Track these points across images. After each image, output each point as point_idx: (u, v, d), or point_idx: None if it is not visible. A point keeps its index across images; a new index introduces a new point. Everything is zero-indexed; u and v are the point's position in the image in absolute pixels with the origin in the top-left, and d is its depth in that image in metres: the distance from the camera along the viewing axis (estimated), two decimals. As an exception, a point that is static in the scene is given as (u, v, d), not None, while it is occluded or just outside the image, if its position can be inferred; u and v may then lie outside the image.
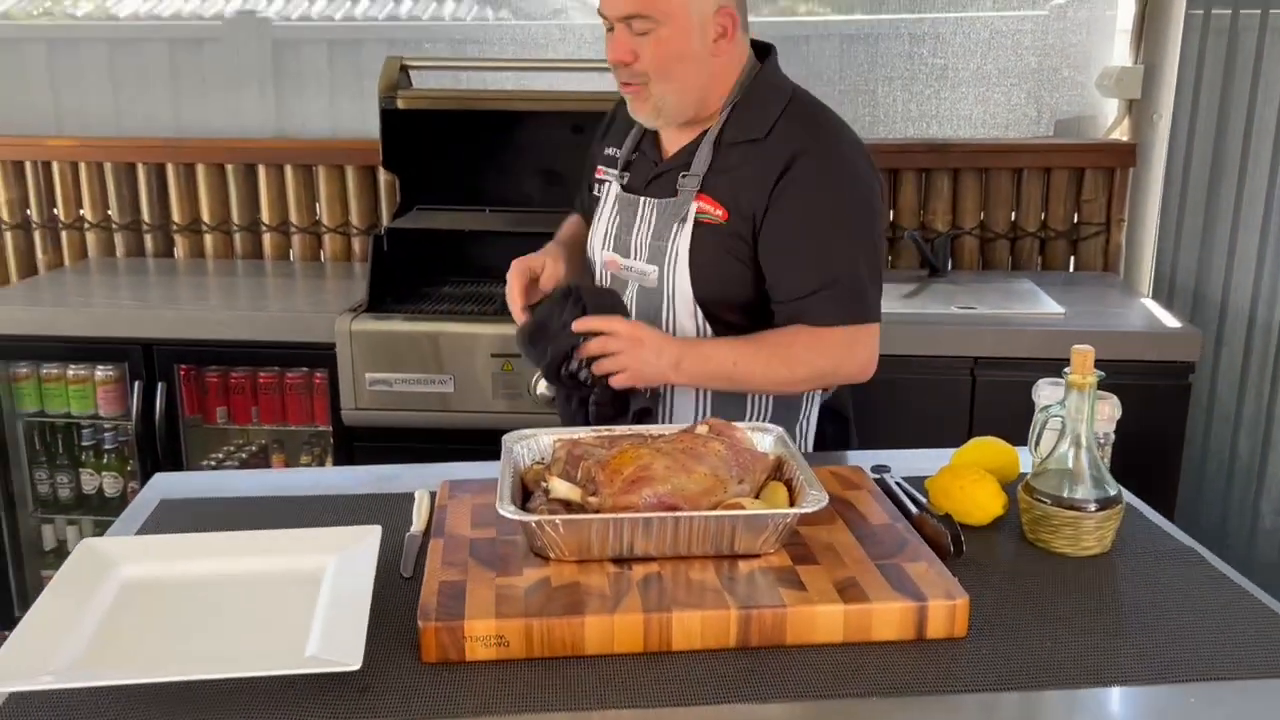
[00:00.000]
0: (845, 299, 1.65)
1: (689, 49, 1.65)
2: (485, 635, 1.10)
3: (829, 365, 1.67)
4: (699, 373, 1.66)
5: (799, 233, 1.64)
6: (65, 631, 1.11)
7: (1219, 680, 1.11)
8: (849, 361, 1.68)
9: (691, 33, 1.64)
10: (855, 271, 1.66)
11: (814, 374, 1.69)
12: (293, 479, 1.68)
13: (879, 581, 1.19)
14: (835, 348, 1.66)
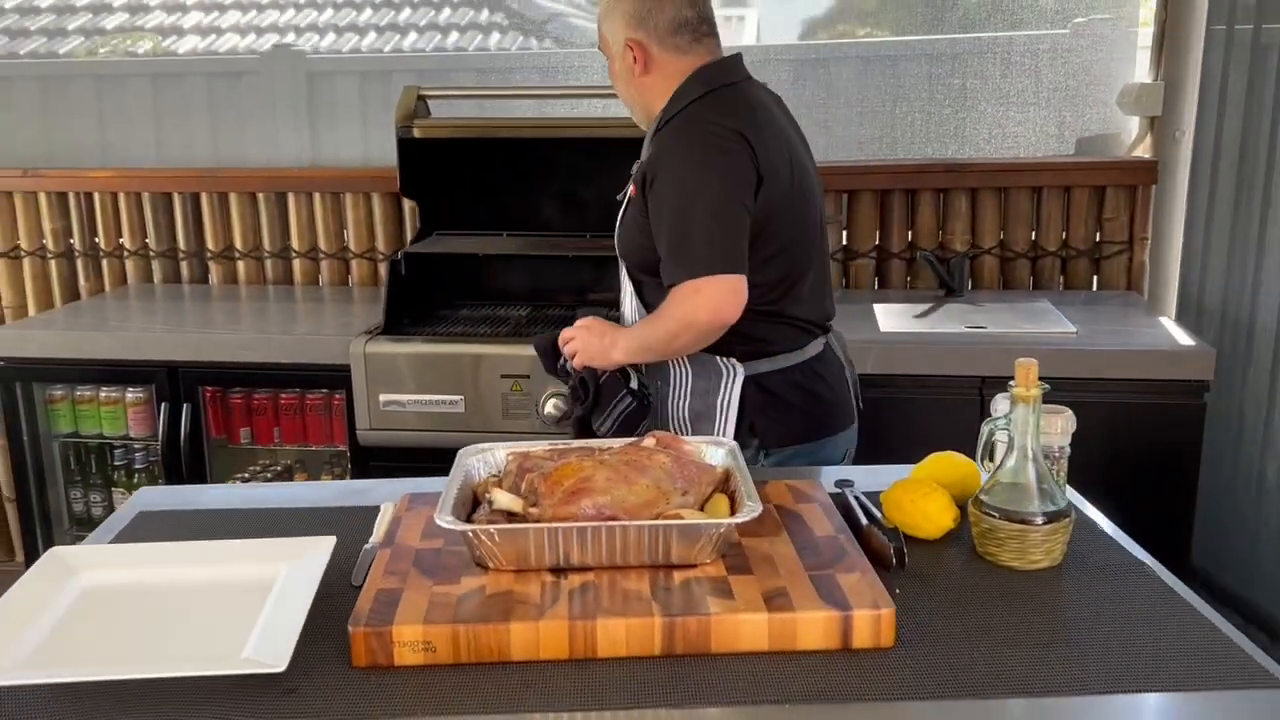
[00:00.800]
0: (679, 259, 1.86)
1: (615, 71, 2.05)
2: (413, 641, 1.13)
3: (685, 314, 1.85)
4: (631, 348, 1.96)
5: (653, 208, 1.91)
6: (19, 631, 1.17)
7: (1144, 693, 1.10)
8: (701, 309, 1.84)
9: (614, 59, 2.04)
10: (681, 232, 1.86)
11: (679, 325, 1.87)
12: (269, 493, 1.74)
13: (808, 591, 1.20)
14: (684, 300, 1.85)
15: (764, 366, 1.98)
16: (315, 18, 3.74)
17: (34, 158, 3.60)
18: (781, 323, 1.99)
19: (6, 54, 3.75)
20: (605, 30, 2.04)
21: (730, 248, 1.84)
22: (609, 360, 1.98)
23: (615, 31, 2.01)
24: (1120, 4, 3.22)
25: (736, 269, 1.84)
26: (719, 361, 1.97)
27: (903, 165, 3.26)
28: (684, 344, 1.91)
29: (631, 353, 1.97)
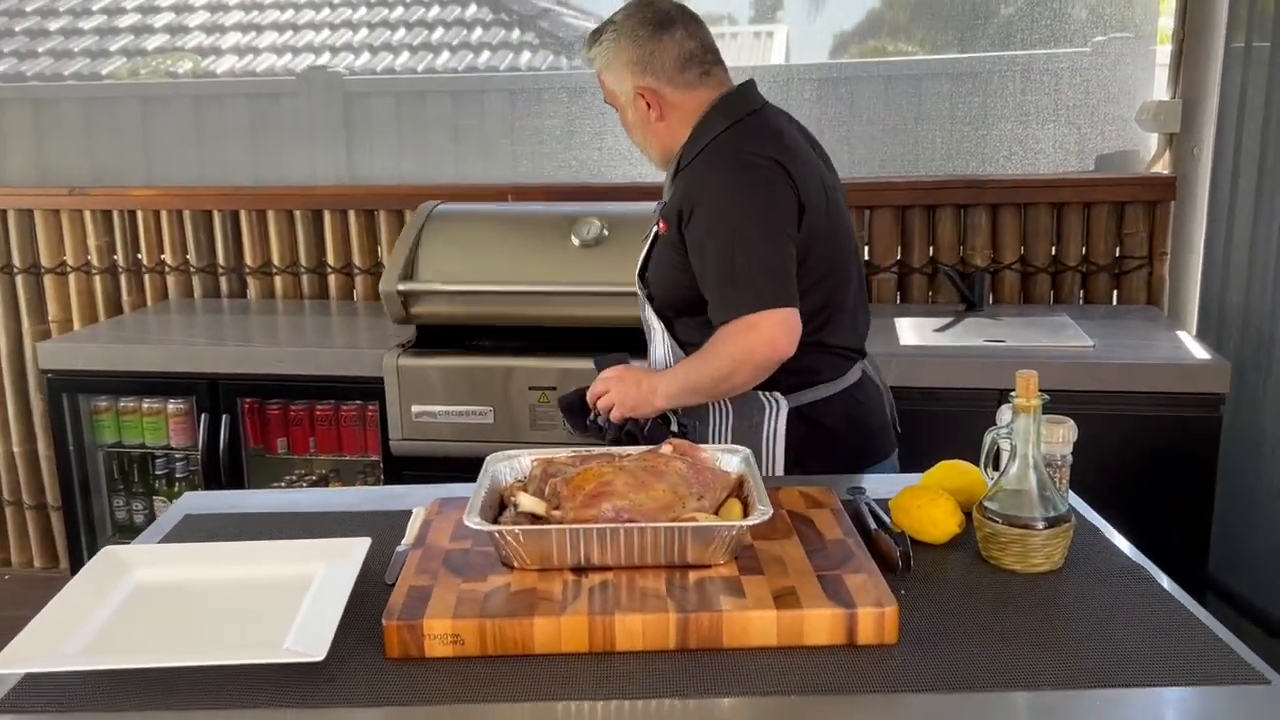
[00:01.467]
0: (730, 295, 1.83)
1: (629, 120, 2.04)
2: (442, 634, 1.21)
3: (740, 352, 1.82)
4: (672, 392, 1.90)
5: (692, 243, 1.89)
6: (77, 624, 1.25)
7: (1136, 687, 1.16)
8: (759, 345, 1.81)
9: (625, 108, 2.03)
10: (733, 270, 1.83)
11: (733, 363, 1.83)
12: (307, 497, 1.82)
13: (816, 590, 1.26)
14: (738, 337, 1.81)
15: (807, 397, 1.95)
16: (350, 38, 3.85)
17: (80, 177, 3.73)
18: (823, 351, 1.96)
19: (52, 74, 3.88)
20: (610, 84, 2.02)
21: (781, 280, 1.82)
22: (651, 409, 1.92)
23: (622, 82, 1.99)
24: (1139, 23, 3.27)
25: (789, 302, 1.81)
26: (761, 396, 1.93)
27: (924, 181, 3.32)
28: (738, 383, 1.86)
29: (674, 397, 1.91)
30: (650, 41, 1.96)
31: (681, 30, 1.98)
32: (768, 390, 1.93)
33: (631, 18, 2.01)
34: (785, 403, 1.94)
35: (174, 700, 1.16)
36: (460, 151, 3.65)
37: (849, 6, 3.53)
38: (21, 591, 3.82)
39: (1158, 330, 2.96)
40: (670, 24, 1.98)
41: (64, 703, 1.16)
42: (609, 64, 2.01)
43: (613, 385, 1.94)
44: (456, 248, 2.86)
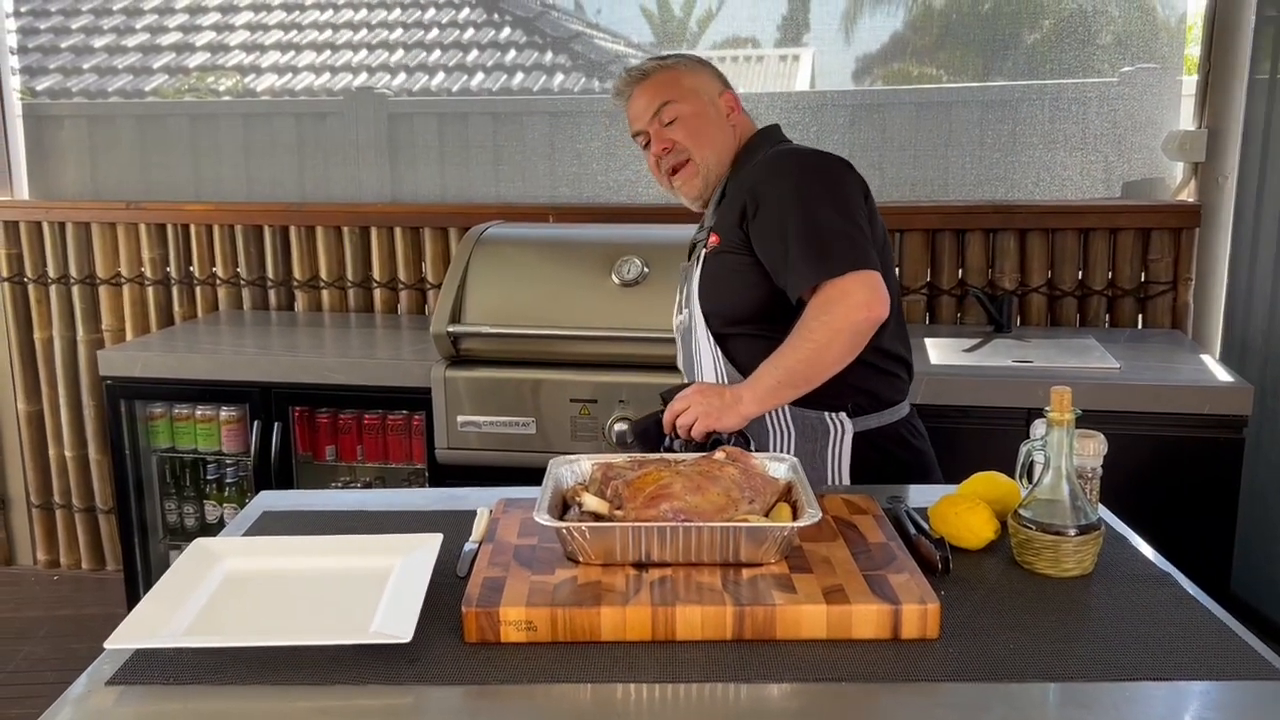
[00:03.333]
0: (815, 264, 1.83)
1: (708, 115, 2.09)
2: (517, 620, 1.31)
3: (836, 320, 1.80)
4: (761, 392, 1.86)
5: (765, 222, 1.91)
6: (177, 607, 1.36)
7: (1160, 680, 1.24)
8: (856, 308, 1.79)
9: (706, 105, 2.09)
10: (809, 232, 1.84)
11: (830, 333, 1.80)
12: (376, 497, 1.92)
13: (862, 588, 1.36)
14: (832, 305, 1.80)
15: (871, 422, 1.98)
16: (387, 58, 3.96)
17: (132, 191, 3.88)
18: (879, 369, 1.99)
19: (96, 91, 4.02)
20: (691, 82, 2.10)
21: (864, 245, 1.83)
22: (738, 415, 1.85)
23: (706, 85, 2.12)
24: (1166, 54, 3.37)
25: (874, 265, 1.81)
26: (828, 419, 1.96)
27: (954, 206, 3.42)
28: (836, 355, 1.81)
29: (764, 395, 1.85)
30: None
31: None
32: (833, 412, 1.96)
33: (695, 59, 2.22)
34: (850, 426, 1.97)
35: (271, 676, 1.26)
36: (501, 172, 3.77)
37: (875, 30, 3.62)
38: (71, 592, 3.94)
39: (1182, 353, 3.04)
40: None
41: (171, 676, 1.26)
42: (694, 68, 2.13)
43: (693, 399, 1.88)
44: (502, 284, 2.98)
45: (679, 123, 2.07)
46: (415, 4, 4.03)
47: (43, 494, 4.08)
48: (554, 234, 3.23)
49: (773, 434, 1.99)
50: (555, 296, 2.94)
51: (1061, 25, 3.44)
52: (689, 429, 1.88)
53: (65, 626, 3.66)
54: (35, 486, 4.07)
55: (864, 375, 1.95)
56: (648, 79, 2.10)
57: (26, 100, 4.01)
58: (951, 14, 3.53)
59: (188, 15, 4.06)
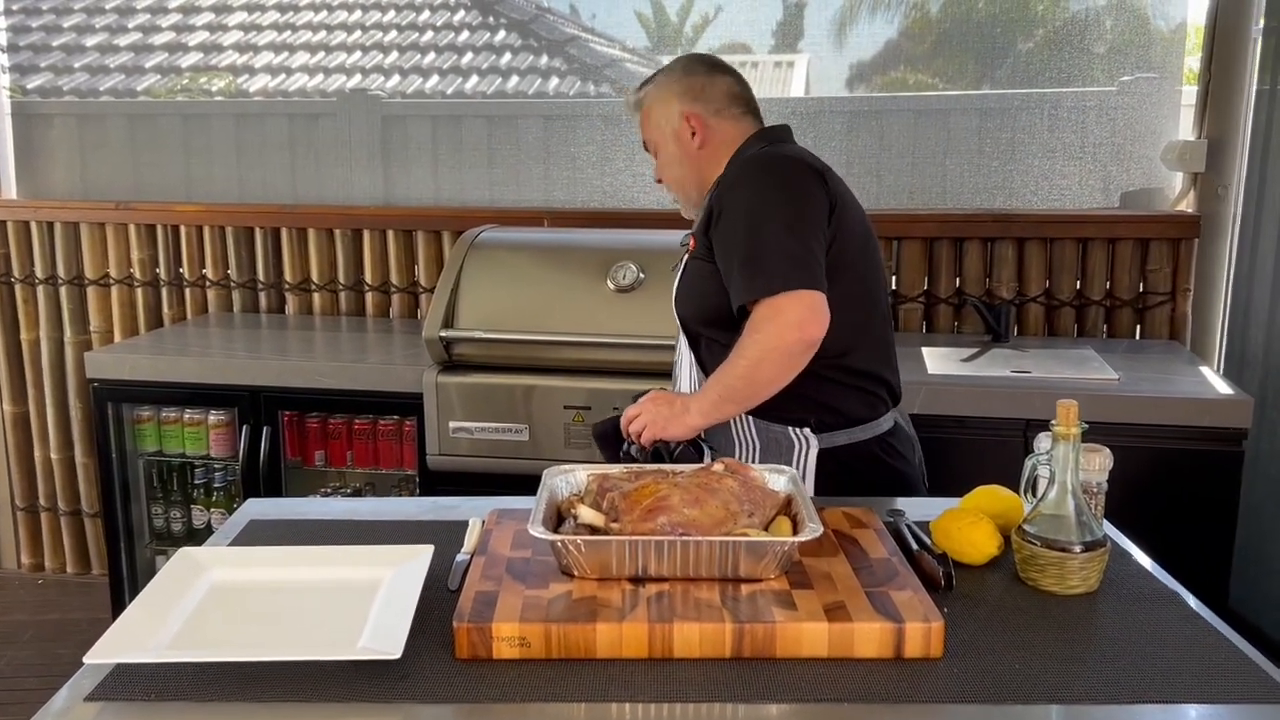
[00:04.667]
0: (747, 280, 1.83)
1: (670, 152, 2.13)
2: (510, 636, 1.27)
3: (768, 339, 1.79)
4: (705, 405, 1.87)
5: (719, 239, 1.91)
6: (161, 620, 1.32)
7: (1169, 703, 1.21)
8: (787, 328, 1.78)
9: (669, 141, 2.12)
10: (751, 250, 1.83)
11: (761, 351, 1.80)
12: (365, 506, 1.88)
13: (864, 605, 1.32)
14: (765, 324, 1.79)
15: (839, 439, 1.95)
16: (381, 60, 3.93)
17: (122, 191, 3.84)
18: (850, 386, 1.96)
19: (88, 90, 3.98)
20: (657, 115, 2.12)
21: (809, 263, 1.80)
22: (684, 426, 1.87)
23: (669, 109, 2.10)
24: (1165, 64, 3.35)
25: (815, 285, 1.78)
26: (791, 434, 1.94)
27: (952, 214, 3.39)
28: (769, 374, 1.80)
29: (709, 409, 1.86)
30: (703, 76, 2.12)
31: (732, 78, 2.15)
32: (798, 427, 1.94)
33: (688, 58, 2.22)
34: (816, 442, 1.94)
35: (256, 693, 1.22)
36: (495, 175, 3.73)
37: (870, 38, 3.60)
38: (56, 597, 3.90)
39: (1180, 365, 3.02)
40: (723, 69, 2.16)
41: (153, 692, 1.22)
42: (658, 97, 2.13)
43: (645, 407, 1.90)
44: (495, 289, 2.94)
45: (657, 155, 2.18)
46: (410, 6, 4.00)
47: (28, 497, 4.03)
48: (548, 238, 3.19)
49: (738, 446, 1.98)
50: (549, 302, 2.90)
51: (1060, 34, 3.42)
52: (639, 435, 1.91)
53: (49, 631, 3.61)
54: (20, 489, 4.02)
55: (829, 392, 1.94)
56: (637, 111, 2.20)
57: (16, 98, 3.96)
58: (947, 21, 3.51)
59: (181, 15, 4.02)
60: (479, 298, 2.92)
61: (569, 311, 2.88)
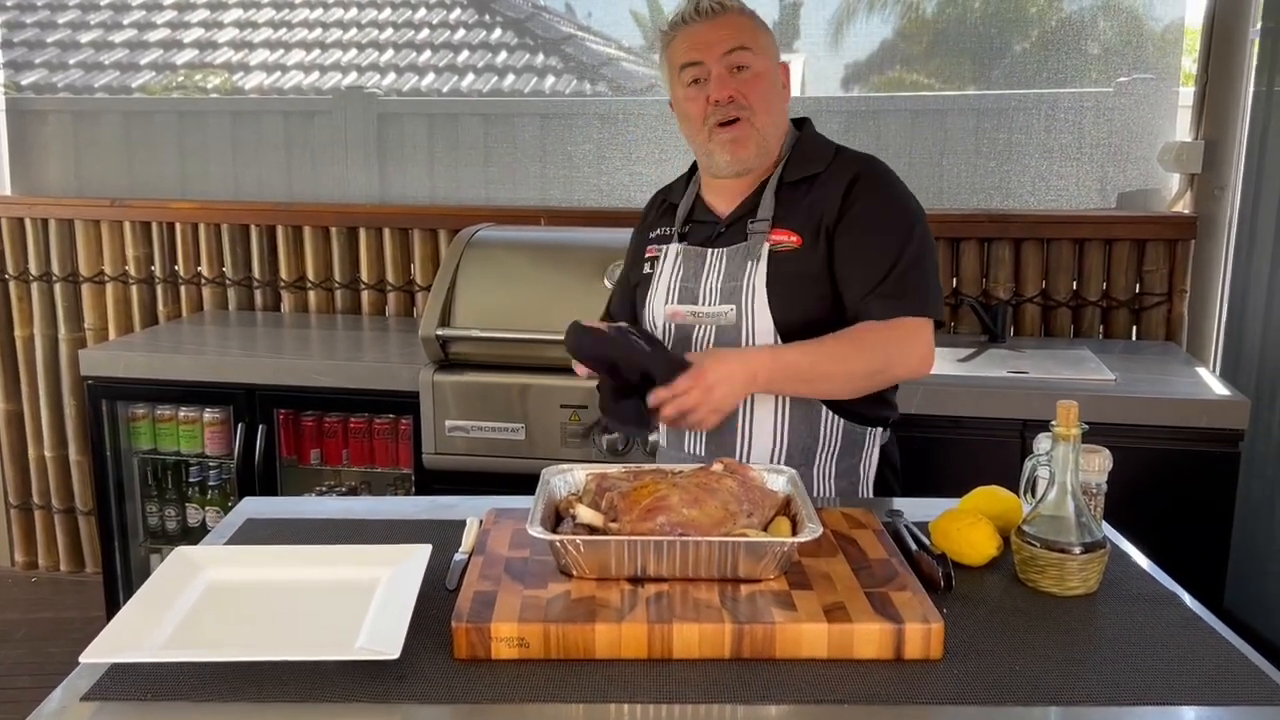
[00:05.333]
0: (904, 293, 1.79)
1: (776, 84, 1.91)
2: (509, 637, 1.27)
3: (888, 357, 1.79)
4: (774, 378, 1.76)
5: (865, 236, 1.81)
6: (157, 619, 1.31)
7: (1173, 705, 1.21)
8: (908, 354, 1.80)
9: (775, 72, 1.91)
10: (915, 268, 1.80)
11: (886, 364, 1.80)
12: (362, 505, 1.88)
13: (864, 606, 1.32)
14: (894, 340, 1.78)
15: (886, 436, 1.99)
16: (377, 57, 3.93)
17: (116, 188, 3.83)
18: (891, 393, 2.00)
19: (82, 86, 3.96)
20: (766, 41, 1.90)
21: (941, 299, 1.84)
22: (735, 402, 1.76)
23: (775, 50, 1.92)
24: (1162, 65, 3.35)
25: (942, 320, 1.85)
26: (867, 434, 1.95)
27: (949, 215, 3.39)
28: (868, 384, 1.81)
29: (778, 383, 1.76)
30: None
31: None
32: (874, 426, 1.95)
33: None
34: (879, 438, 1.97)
35: (253, 693, 1.21)
36: (491, 174, 3.73)
37: (866, 38, 3.60)
38: (49, 595, 3.88)
39: (1177, 366, 3.02)
40: None
41: (149, 691, 1.21)
42: (765, 27, 1.92)
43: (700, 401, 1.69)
44: (492, 288, 2.93)
45: (750, 76, 1.85)
46: (406, 4, 4.00)
47: (21, 494, 4.01)
48: (545, 237, 3.19)
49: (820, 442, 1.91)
50: (546, 301, 2.89)
51: (1056, 34, 3.42)
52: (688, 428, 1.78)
53: (43, 629, 3.59)
54: (14, 487, 4.01)
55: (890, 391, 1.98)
56: (725, 13, 1.87)
57: (10, 94, 3.95)
58: (943, 22, 3.51)
59: (176, 12, 4.01)
60: (475, 296, 2.91)
61: (565, 310, 2.85)
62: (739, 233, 1.92)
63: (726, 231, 1.94)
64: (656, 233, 2.07)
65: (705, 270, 1.93)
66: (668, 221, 2.06)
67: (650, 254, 2.05)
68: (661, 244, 2.04)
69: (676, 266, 1.98)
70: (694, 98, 1.88)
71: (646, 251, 2.07)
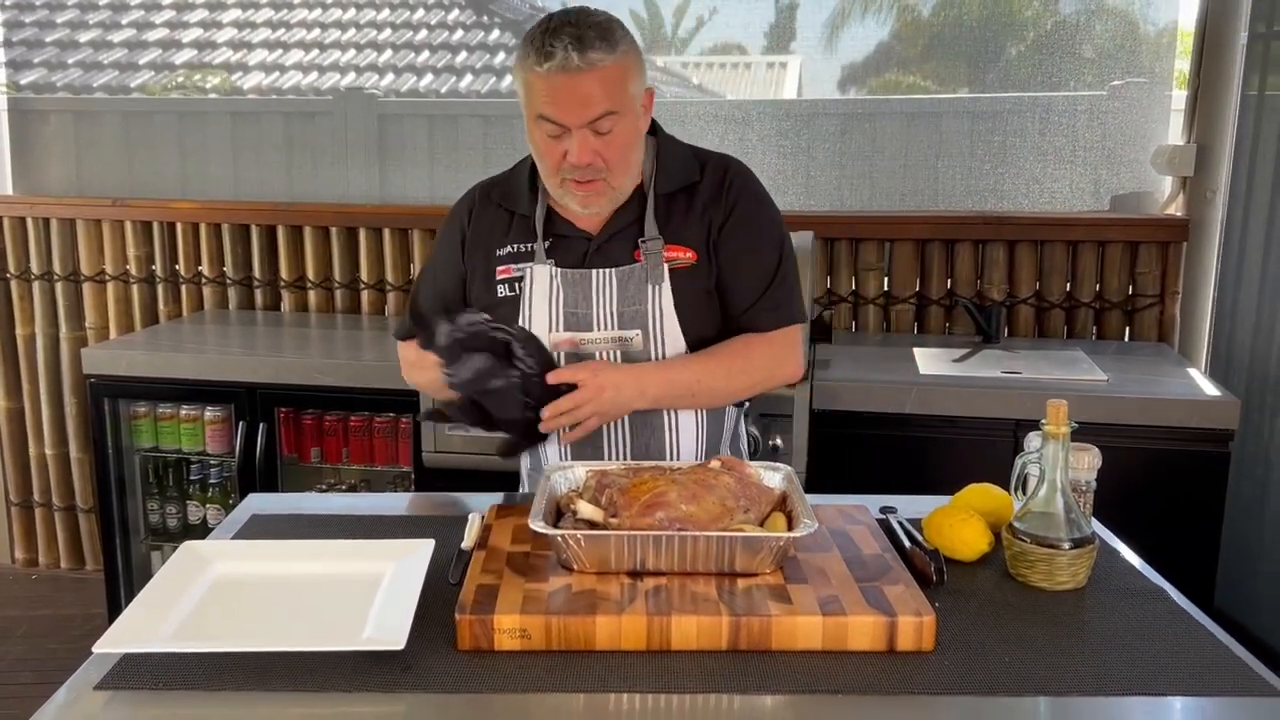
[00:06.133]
0: (784, 303, 1.84)
1: (637, 132, 1.78)
2: (511, 628, 1.30)
3: (769, 370, 1.84)
4: (663, 395, 1.79)
5: (748, 247, 1.83)
6: (166, 611, 1.34)
7: (1158, 696, 1.24)
8: (786, 364, 1.85)
9: (637, 119, 1.77)
10: (789, 277, 1.85)
11: (758, 379, 1.84)
12: (366, 501, 1.91)
13: (858, 599, 1.35)
14: (779, 349, 1.84)
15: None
16: (375, 58, 3.95)
17: (117, 188, 3.84)
18: None
19: (81, 86, 3.99)
20: (634, 89, 1.74)
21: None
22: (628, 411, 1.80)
23: (640, 86, 1.76)
24: (1155, 69, 3.38)
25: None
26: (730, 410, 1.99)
27: (944, 216, 3.42)
28: (753, 392, 1.86)
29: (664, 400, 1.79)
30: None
31: None
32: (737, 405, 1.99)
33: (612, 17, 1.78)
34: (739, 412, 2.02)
35: (261, 683, 1.24)
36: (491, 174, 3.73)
37: (863, 40, 3.62)
38: (50, 592, 3.90)
39: (1168, 366, 3.05)
40: None
41: (159, 681, 1.24)
42: (636, 61, 1.73)
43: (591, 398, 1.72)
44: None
45: (612, 138, 1.72)
46: (404, 5, 4.02)
47: (22, 492, 4.04)
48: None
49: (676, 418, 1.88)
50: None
51: (1050, 38, 3.46)
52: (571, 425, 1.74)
53: (43, 626, 3.62)
54: (14, 484, 4.03)
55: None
56: (593, 68, 1.67)
57: (11, 94, 3.97)
58: (938, 25, 3.54)
59: (175, 11, 4.03)
60: (475, 296, 2.94)
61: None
62: (621, 251, 1.83)
63: (601, 250, 1.84)
64: (507, 249, 1.88)
65: (594, 295, 1.83)
66: (519, 237, 1.87)
67: (505, 274, 1.86)
68: (519, 263, 1.86)
69: (554, 291, 1.83)
70: (551, 149, 1.75)
71: (499, 271, 1.87)
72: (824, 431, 2.78)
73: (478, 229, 1.93)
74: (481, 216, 1.93)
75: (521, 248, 1.86)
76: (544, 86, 1.70)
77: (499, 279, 1.87)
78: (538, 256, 1.84)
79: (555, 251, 1.85)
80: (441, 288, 1.95)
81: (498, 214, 1.91)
